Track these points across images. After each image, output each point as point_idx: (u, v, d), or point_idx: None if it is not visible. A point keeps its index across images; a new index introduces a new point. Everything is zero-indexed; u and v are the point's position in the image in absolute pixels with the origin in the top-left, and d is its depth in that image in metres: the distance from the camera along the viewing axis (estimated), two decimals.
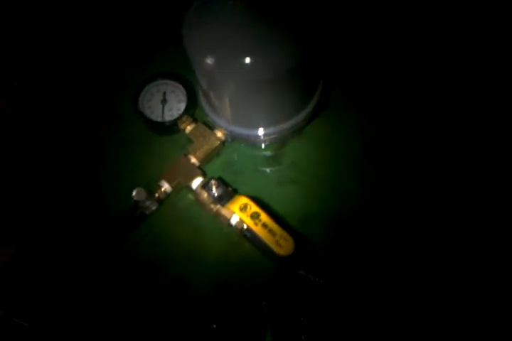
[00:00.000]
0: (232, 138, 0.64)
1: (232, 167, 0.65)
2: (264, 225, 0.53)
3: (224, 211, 0.58)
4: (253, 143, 0.64)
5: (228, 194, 0.58)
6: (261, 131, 0.60)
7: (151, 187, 0.61)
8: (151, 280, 0.60)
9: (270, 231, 0.52)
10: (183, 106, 0.65)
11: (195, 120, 0.65)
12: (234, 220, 0.58)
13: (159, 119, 0.64)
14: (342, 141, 0.64)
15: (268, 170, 0.65)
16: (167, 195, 0.62)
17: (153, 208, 0.61)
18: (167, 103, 0.65)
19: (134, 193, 0.60)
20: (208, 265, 0.60)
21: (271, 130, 0.61)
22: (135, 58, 0.71)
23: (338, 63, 0.67)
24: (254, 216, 0.53)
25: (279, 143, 0.65)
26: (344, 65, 0.68)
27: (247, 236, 0.57)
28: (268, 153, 0.66)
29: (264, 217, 0.53)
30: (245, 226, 0.57)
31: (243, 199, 0.55)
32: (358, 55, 0.68)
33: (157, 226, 0.62)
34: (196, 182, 0.61)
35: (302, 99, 0.60)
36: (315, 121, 0.64)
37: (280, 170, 0.64)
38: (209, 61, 0.52)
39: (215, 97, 0.59)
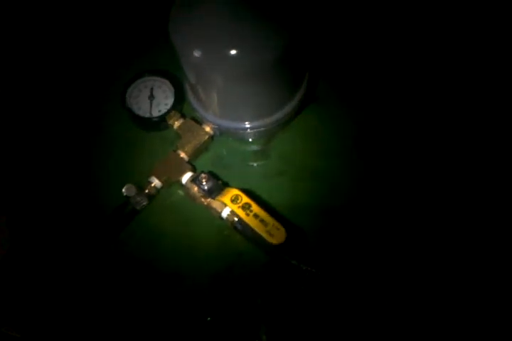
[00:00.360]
0: (220, 133, 0.64)
1: (221, 161, 0.65)
2: (256, 215, 0.53)
3: (215, 204, 0.59)
4: (241, 136, 0.65)
5: (218, 187, 0.58)
6: (248, 124, 0.61)
7: (142, 184, 0.62)
8: (144, 275, 0.60)
9: (262, 221, 0.53)
10: (170, 101, 0.65)
11: (183, 115, 0.65)
12: (225, 213, 0.58)
13: (147, 115, 0.65)
14: (329, 132, 0.65)
15: (256, 163, 0.65)
16: (157, 190, 0.62)
17: (144, 203, 0.61)
18: (154, 99, 0.65)
19: (124, 189, 0.60)
20: (201, 258, 0.61)
21: (258, 123, 0.61)
22: (121, 55, 0.71)
23: (326, 55, 0.68)
24: (246, 207, 0.54)
25: (266, 136, 0.66)
26: (332, 57, 0.68)
27: (238, 228, 0.57)
28: (256, 147, 0.66)
29: (255, 207, 0.54)
30: (236, 219, 0.58)
31: (234, 191, 0.55)
32: (346, 47, 0.69)
33: (148, 221, 0.62)
34: (186, 177, 0.61)
35: (288, 91, 0.61)
36: (302, 113, 0.65)
37: (268, 163, 0.65)
38: (195, 54, 0.53)
39: (203, 91, 0.60)
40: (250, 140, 0.66)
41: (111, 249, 0.61)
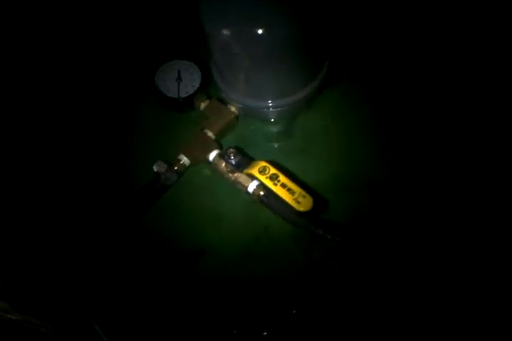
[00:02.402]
0: (244, 112, 0.67)
1: (245, 141, 0.67)
2: (283, 185, 0.55)
3: (241, 178, 0.61)
4: (264, 116, 0.67)
5: (246, 161, 0.60)
6: (271, 103, 0.63)
7: (170, 161, 0.64)
8: (171, 250, 0.63)
9: (289, 190, 0.55)
10: (197, 83, 0.68)
11: (209, 96, 0.68)
12: (251, 187, 0.60)
13: (175, 96, 0.67)
14: (351, 112, 0.67)
15: (280, 142, 0.68)
16: (186, 167, 0.65)
17: (174, 179, 0.63)
18: (182, 81, 0.68)
19: (154, 166, 0.63)
20: (227, 231, 0.63)
21: (281, 101, 0.64)
22: (149, 39, 0.74)
23: (349, 36, 0.70)
24: (273, 177, 0.56)
25: (289, 116, 0.68)
26: (355, 38, 0.71)
27: (264, 201, 0.60)
28: (279, 127, 0.69)
29: (282, 177, 0.56)
30: (262, 193, 0.60)
31: (261, 163, 0.57)
32: (370, 29, 0.71)
33: (176, 197, 0.65)
34: (213, 154, 0.64)
35: (312, 70, 0.63)
36: (323, 93, 0.67)
37: (291, 142, 0.67)
38: (224, 31, 0.55)
39: (229, 70, 0.62)
40: (273, 120, 0.68)
41: (139, 225, 0.63)
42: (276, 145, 0.68)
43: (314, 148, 0.66)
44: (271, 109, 0.65)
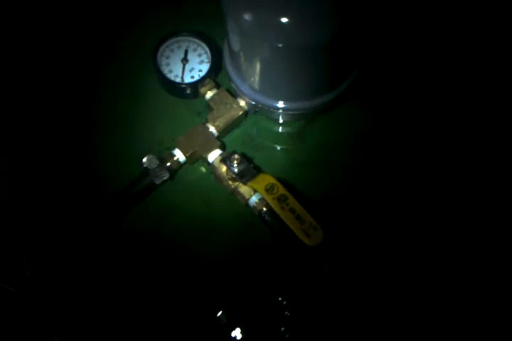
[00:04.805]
0: (254, 110, 0.58)
1: (252, 141, 0.59)
2: (292, 210, 0.48)
3: (243, 190, 0.54)
4: (276, 116, 0.59)
5: (251, 171, 0.52)
6: (285, 104, 0.55)
7: (161, 153, 0.56)
8: (154, 256, 0.56)
9: (298, 217, 0.48)
10: (205, 68, 0.58)
11: (217, 85, 0.58)
12: (253, 201, 0.53)
13: (178, 80, 0.58)
14: (371, 126, 0.60)
15: (290, 148, 0.60)
16: (180, 165, 0.56)
17: (165, 178, 0.55)
18: (188, 62, 0.58)
19: (144, 160, 0.54)
20: (217, 243, 0.56)
21: (296, 104, 0.55)
22: (156, 10, 0.64)
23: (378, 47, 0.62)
24: (282, 199, 0.48)
25: (303, 119, 0.60)
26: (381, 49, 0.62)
27: (265, 219, 0.53)
28: (291, 130, 0.60)
29: (292, 201, 0.48)
30: (265, 209, 0.53)
31: (270, 179, 0.50)
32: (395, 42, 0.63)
33: (165, 198, 0.57)
34: (214, 155, 0.56)
35: (337, 77, 0.55)
36: (346, 103, 0.59)
37: (303, 150, 0.59)
38: (246, 17, 0.46)
39: (244, 60, 0.53)
40: (285, 121, 0.60)
41: (121, 227, 0.55)
42: (285, 151, 0.60)
43: (327, 162, 0.58)
44: (285, 111, 0.56)
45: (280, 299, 0.54)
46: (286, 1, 0.46)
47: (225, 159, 0.53)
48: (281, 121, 0.60)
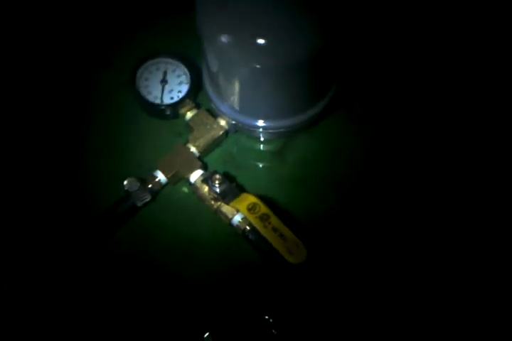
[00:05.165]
0: (235, 129, 0.59)
1: (234, 160, 0.59)
2: (275, 229, 0.48)
3: (225, 209, 0.53)
4: (257, 134, 0.59)
5: (233, 191, 0.53)
6: (266, 123, 0.55)
7: (143, 175, 0.56)
8: (139, 278, 0.55)
9: (281, 236, 0.48)
10: (184, 88, 0.58)
11: (197, 105, 0.59)
12: (236, 220, 0.53)
13: (157, 101, 0.58)
14: (352, 141, 0.60)
15: (272, 166, 0.60)
16: (161, 186, 0.56)
17: (147, 200, 0.55)
18: (167, 84, 0.59)
19: (125, 183, 0.54)
20: (202, 263, 0.56)
21: (277, 123, 0.56)
22: (134, 31, 0.64)
23: (354, 60, 0.63)
24: (264, 218, 0.49)
25: (284, 137, 0.60)
26: (358, 62, 0.63)
27: (249, 238, 0.53)
28: (272, 148, 0.61)
29: (274, 220, 0.49)
30: (248, 228, 0.53)
31: (251, 198, 0.50)
32: (371, 53, 0.64)
33: (148, 220, 0.57)
34: (196, 175, 0.56)
35: (318, 93, 0.55)
36: (328, 117, 0.59)
37: (284, 167, 0.60)
38: (223, 39, 0.47)
39: (223, 80, 0.53)
40: (266, 139, 0.60)
41: (105, 249, 0.55)
42: (267, 169, 0.60)
43: (308, 178, 0.59)
44: (265, 130, 0.57)
45: (267, 317, 0.53)
46: (261, 23, 0.46)
47: (206, 179, 0.54)
48: (262, 139, 0.60)
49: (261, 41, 0.46)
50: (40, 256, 0.54)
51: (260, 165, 0.60)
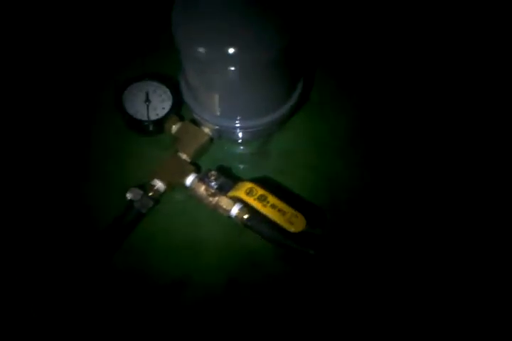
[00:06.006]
0: (219, 135, 0.64)
1: (221, 164, 0.64)
2: (273, 206, 0.53)
3: (223, 202, 0.58)
4: (238, 136, 0.65)
5: (228, 183, 0.57)
6: (245, 123, 0.61)
7: (143, 188, 0.60)
8: (149, 284, 0.58)
9: (280, 211, 0.52)
10: (167, 104, 0.65)
11: (181, 118, 0.65)
12: (234, 211, 0.57)
13: (144, 118, 0.64)
14: (326, 131, 0.67)
15: (256, 163, 0.66)
16: (160, 193, 0.61)
17: (151, 205, 0.59)
18: (151, 103, 0.65)
19: (128, 193, 0.59)
20: (209, 260, 0.59)
21: (255, 122, 0.62)
22: (111, 59, 0.70)
23: (319, 55, 0.70)
24: (262, 198, 0.53)
25: (264, 136, 0.66)
26: (325, 56, 0.71)
27: (250, 225, 0.57)
28: (254, 148, 0.67)
29: (271, 198, 0.53)
30: (246, 216, 0.57)
31: (247, 184, 0.55)
32: (338, 46, 0.71)
33: (152, 227, 0.61)
34: (191, 178, 0.60)
35: (288, 90, 0.62)
36: (298, 113, 0.66)
37: (269, 164, 0.65)
38: (198, 49, 0.53)
39: (201, 89, 0.60)
40: (248, 140, 0.66)
41: (113, 258, 0.58)
42: (252, 167, 0.66)
43: (291, 167, 0.64)
44: (245, 130, 0.63)
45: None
46: (230, 32, 0.52)
47: (202, 177, 0.58)
48: (248, 140, 0.66)
49: (231, 50, 0.52)
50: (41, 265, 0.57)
51: (245, 165, 0.66)
